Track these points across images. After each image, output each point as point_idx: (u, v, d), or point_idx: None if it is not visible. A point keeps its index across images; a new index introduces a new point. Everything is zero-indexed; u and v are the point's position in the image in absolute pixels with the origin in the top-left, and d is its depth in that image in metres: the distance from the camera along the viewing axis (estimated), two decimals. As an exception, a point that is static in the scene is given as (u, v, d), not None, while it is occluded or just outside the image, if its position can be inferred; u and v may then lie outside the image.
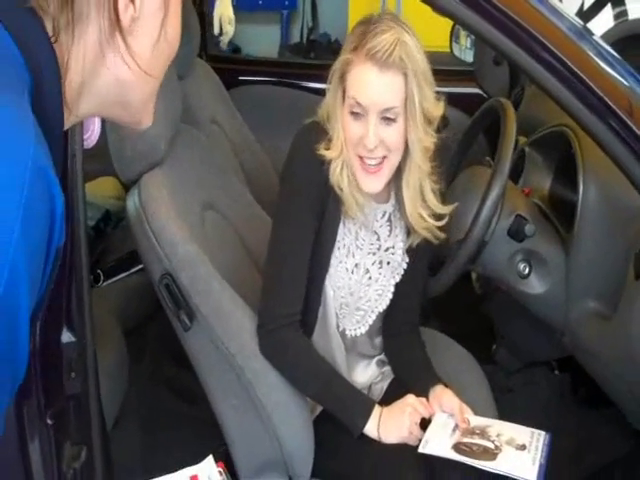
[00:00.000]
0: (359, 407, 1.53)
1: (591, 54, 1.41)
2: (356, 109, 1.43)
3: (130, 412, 1.97)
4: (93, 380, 1.28)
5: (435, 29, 2.38)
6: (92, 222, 2.27)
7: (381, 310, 1.64)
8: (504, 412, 1.67)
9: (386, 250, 1.60)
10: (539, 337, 1.87)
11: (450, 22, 2.29)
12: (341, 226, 1.54)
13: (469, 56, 2.65)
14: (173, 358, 2.11)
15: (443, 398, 1.54)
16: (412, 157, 1.46)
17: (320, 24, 5.53)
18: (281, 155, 1.57)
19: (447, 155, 1.85)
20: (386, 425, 1.50)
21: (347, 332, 1.62)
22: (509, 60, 1.53)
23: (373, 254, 1.59)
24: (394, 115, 1.42)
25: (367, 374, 1.70)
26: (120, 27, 0.70)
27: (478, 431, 1.50)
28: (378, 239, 1.59)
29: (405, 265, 1.63)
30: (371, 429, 1.50)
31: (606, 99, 1.29)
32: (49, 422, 1.14)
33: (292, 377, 1.52)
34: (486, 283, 1.97)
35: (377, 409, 1.52)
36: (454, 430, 1.51)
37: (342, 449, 1.54)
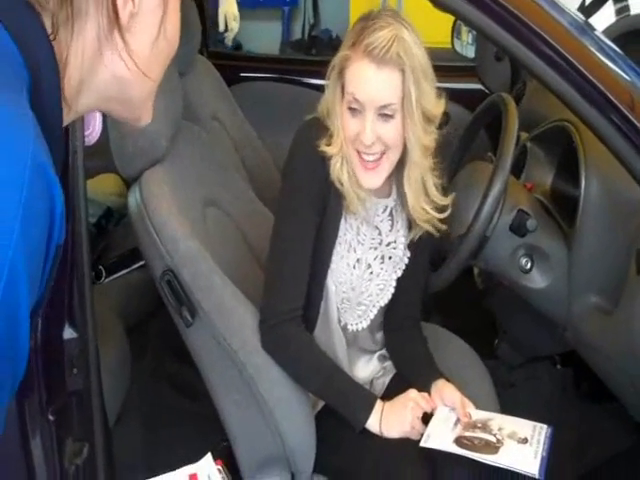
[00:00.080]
0: (361, 402, 1.53)
1: (593, 49, 1.40)
2: (354, 105, 1.43)
3: (132, 408, 1.97)
4: (95, 376, 1.28)
5: (436, 25, 2.38)
6: (94, 219, 2.27)
7: (382, 305, 1.64)
8: (506, 407, 1.67)
9: (388, 245, 1.60)
10: (541, 332, 1.87)
11: (451, 18, 2.29)
12: (342, 221, 1.54)
13: (470, 52, 2.64)
14: (175, 354, 2.11)
15: (445, 392, 1.55)
16: (411, 155, 1.46)
17: (321, 20, 5.53)
18: (282, 151, 1.57)
19: (449, 151, 1.85)
20: (388, 420, 1.50)
21: (349, 327, 1.63)
22: (510, 55, 1.52)
23: (375, 249, 1.59)
24: (391, 112, 1.41)
25: (368, 369, 1.70)
26: (118, 24, 0.69)
27: (480, 425, 1.50)
28: (379, 234, 1.59)
29: (407, 260, 1.63)
30: (373, 424, 1.51)
31: (608, 94, 1.29)
32: (51, 418, 1.14)
33: (294, 372, 1.52)
34: (488, 278, 1.97)
35: (379, 404, 1.52)
36: (456, 424, 1.51)
37: (344, 444, 1.55)
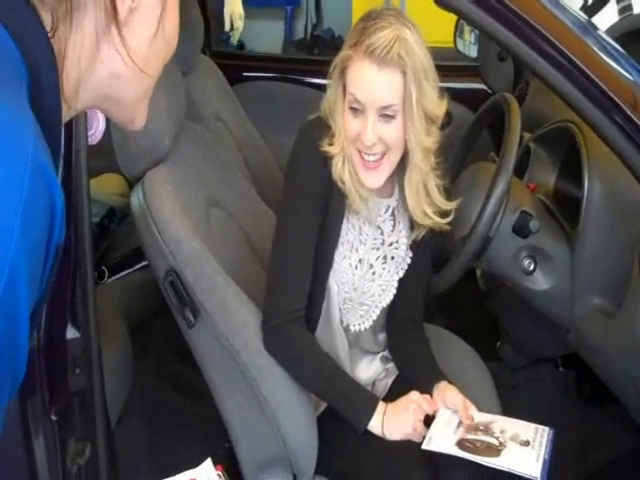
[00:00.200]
0: (363, 403, 1.53)
1: (595, 49, 1.40)
2: (355, 105, 1.43)
3: (134, 409, 1.98)
4: (98, 376, 1.28)
5: (439, 24, 2.37)
6: (96, 219, 2.27)
7: (385, 305, 1.64)
8: (508, 409, 1.66)
9: (390, 245, 1.60)
10: (543, 334, 1.86)
11: (454, 17, 2.29)
12: (345, 221, 1.54)
13: (473, 51, 2.64)
14: (177, 355, 2.11)
15: (447, 394, 1.54)
16: (411, 156, 1.46)
17: (324, 20, 5.53)
18: (285, 151, 1.57)
19: (451, 151, 1.85)
20: (390, 422, 1.50)
21: (351, 327, 1.62)
22: (513, 55, 1.52)
23: (377, 249, 1.59)
24: (393, 112, 1.41)
25: (371, 370, 1.70)
26: (116, 18, 0.69)
27: (482, 427, 1.50)
28: (382, 234, 1.59)
29: (409, 260, 1.63)
30: (375, 426, 1.50)
31: (610, 94, 1.29)
32: (53, 418, 1.14)
33: (296, 373, 1.52)
34: (491, 279, 1.96)
35: (381, 405, 1.52)
36: (458, 426, 1.51)
37: (346, 446, 1.54)
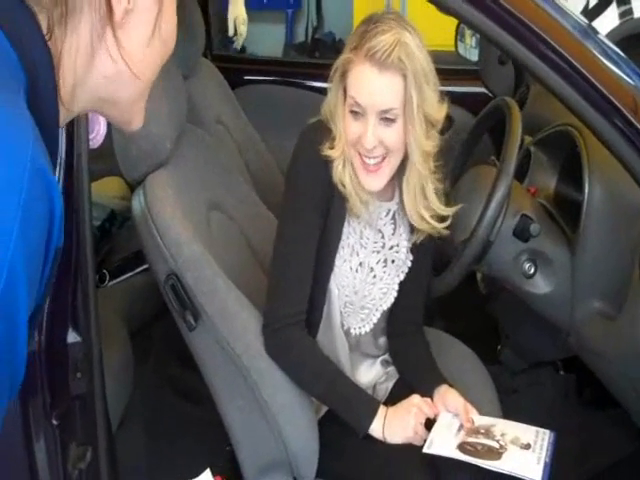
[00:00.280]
0: (364, 407, 1.53)
1: (596, 53, 1.40)
2: (355, 109, 1.43)
3: (135, 413, 1.97)
4: (99, 380, 1.28)
5: (440, 28, 2.38)
6: (97, 222, 2.27)
7: (385, 308, 1.64)
8: (509, 413, 1.66)
9: (390, 248, 1.60)
10: (544, 337, 1.86)
11: (455, 21, 2.29)
12: (346, 225, 1.54)
13: (474, 55, 2.64)
14: (178, 358, 2.11)
15: (448, 398, 1.54)
16: (411, 160, 1.46)
17: (325, 23, 5.54)
18: (286, 154, 1.57)
19: (452, 155, 1.85)
20: (391, 425, 1.50)
21: (351, 330, 1.62)
22: (514, 59, 1.52)
23: (377, 252, 1.59)
24: (393, 116, 1.41)
25: (371, 374, 1.70)
26: (112, 20, 0.69)
27: (483, 431, 1.50)
28: (382, 237, 1.59)
29: (409, 263, 1.63)
30: (376, 429, 1.50)
31: (611, 98, 1.29)
32: (55, 422, 1.14)
33: (297, 377, 1.52)
34: (491, 283, 1.96)
35: (382, 409, 1.52)
36: (459, 430, 1.51)
37: (347, 450, 1.54)
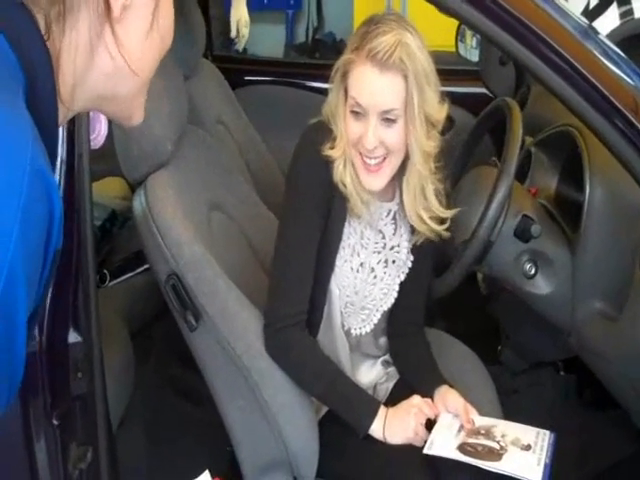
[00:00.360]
0: (365, 407, 1.53)
1: (597, 53, 1.40)
2: (356, 109, 1.43)
3: (136, 413, 1.97)
4: (99, 380, 1.28)
5: (441, 28, 2.37)
6: (98, 222, 2.27)
7: (386, 309, 1.64)
8: (509, 413, 1.66)
9: (391, 249, 1.60)
10: (545, 338, 1.86)
11: (455, 21, 2.29)
12: (346, 225, 1.54)
13: (475, 56, 2.64)
14: (179, 359, 2.11)
15: (448, 398, 1.54)
16: (412, 160, 1.46)
17: (325, 24, 5.54)
18: (286, 155, 1.57)
19: (452, 155, 1.85)
20: (391, 426, 1.50)
21: (352, 331, 1.62)
22: (514, 60, 1.53)
23: (378, 253, 1.59)
24: (394, 116, 1.42)
25: (372, 374, 1.70)
26: (110, 17, 0.69)
27: (483, 431, 1.50)
28: (383, 238, 1.59)
29: (410, 264, 1.63)
30: (377, 430, 1.50)
31: (612, 98, 1.29)
32: (55, 422, 1.14)
33: (297, 377, 1.52)
34: (492, 283, 1.96)
35: (383, 409, 1.52)
36: (459, 431, 1.51)
37: (347, 450, 1.54)
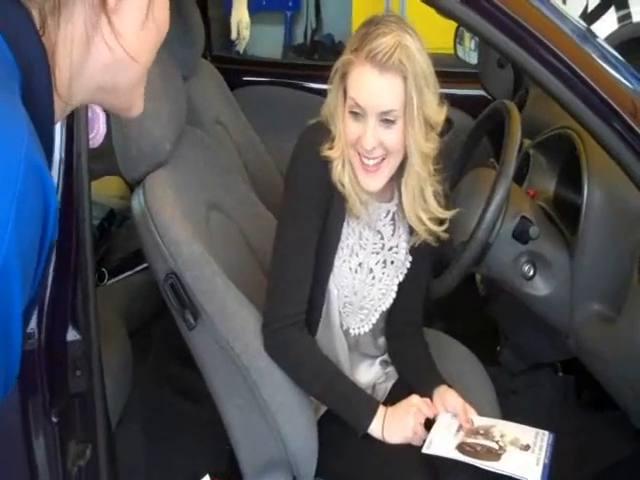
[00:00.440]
0: (363, 407, 1.53)
1: (595, 56, 1.41)
2: (355, 109, 1.44)
3: (134, 411, 1.97)
4: (98, 378, 1.28)
5: (439, 31, 2.38)
6: (96, 221, 2.27)
7: (384, 309, 1.64)
8: (508, 414, 1.66)
9: (390, 249, 1.61)
10: (543, 339, 1.87)
11: (454, 24, 2.29)
12: (345, 226, 1.54)
13: (473, 58, 2.65)
14: (177, 357, 2.11)
15: (447, 398, 1.55)
16: (411, 161, 1.46)
17: (324, 25, 5.54)
18: (285, 156, 1.57)
19: (451, 157, 1.86)
20: (390, 425, 1.50)
21: (351, 331, 1.63)
22: (513, 62, 1.53)
23: (377, 253, 1.60)
24: (393, 118, 1.42)
25: (370, 374, 1.70)
26: (105, 8, 0.69)
27: (482, 431, 1.50)
28: (382, 238, 1.60)
29: (408, 264, 1.63)
30: (375, 429, 1.51)
31: (610, 101, 1.29)
32: (54, 420, 1.14)
33: (296, 376, 1.52)
34: (490, 285, 1.97)
35: (381, 409, 1.52)
36: (458, 430, 1.51)
37: (346, 449, 1.55)
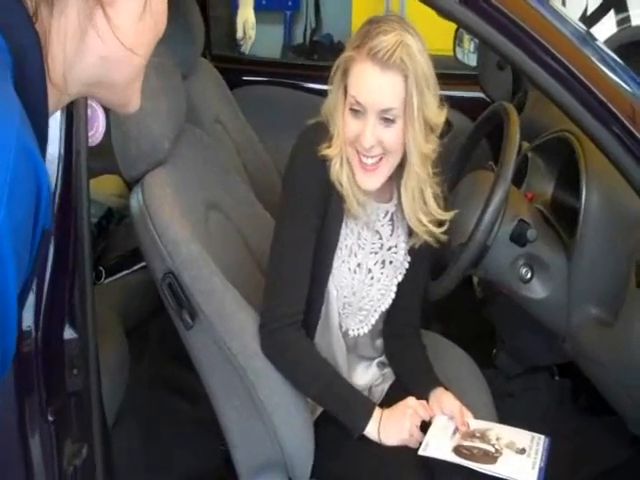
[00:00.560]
0: (360, 408, 1.53)
1: (594, 59, 1.41)
2: (356, 107, 1.43)
3: (131, 410, 1.97)
4: (94, 377, 1.28)
5: (438, 32, 2.38)
6: (94, 219, 2.27)
7: (383, 310, 1.64)
8: (504, 417, 1.67)
9: (388, 249, 1.60)
10: (540, 342, 1.87)
11: (453, 25, 2.30)
12: (343, 226, 1.54)
13: (472, 60, 2.65)
14: (175, 357, 2.11)
15: (443, 400, 1.55)
16: (410, 162, 1.46)
17: (323, 25, 5.54)
18: (284, 155, 1.57)
19: (450, 159, 1.85)
20: (387, 427, 1.50)
21: (350, 332, 1.63)
22: (512, 64, 1.53)
23: (375, 254, 1.59)
24: (393, 116, 1.42)
25: (367, 376, 1.70)
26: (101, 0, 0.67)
27: (478, 434, 1.50)
28: (380, 238, 1.59)
29: (407, 264, 1.63)
30: (372, 431, 1.51)
31: (609, 104, 1.29)
32: (50, 419, 1.14)
33: (293, 377, 1.52)
34: (488, 287, 1.97)
35: (378, 411, 1.52)
36: (454, 433, 1.51)
37: (342, 451, 1.54)
